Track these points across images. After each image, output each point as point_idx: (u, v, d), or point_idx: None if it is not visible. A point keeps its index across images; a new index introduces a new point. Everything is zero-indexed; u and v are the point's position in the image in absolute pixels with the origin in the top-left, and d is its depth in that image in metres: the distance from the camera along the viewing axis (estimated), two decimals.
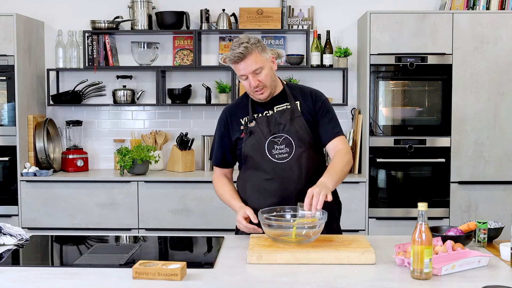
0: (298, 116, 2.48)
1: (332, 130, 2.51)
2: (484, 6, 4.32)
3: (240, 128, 2.52)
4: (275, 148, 2.45)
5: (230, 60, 2.39)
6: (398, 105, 4.31)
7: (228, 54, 2.40)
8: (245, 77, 2.41)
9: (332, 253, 2.03)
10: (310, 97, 2.54)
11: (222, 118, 2.59)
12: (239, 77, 2.44)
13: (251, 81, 2.40)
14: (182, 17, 4.60)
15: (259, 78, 2.40)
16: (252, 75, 2.39)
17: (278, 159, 2.45)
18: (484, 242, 2.25)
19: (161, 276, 1.85)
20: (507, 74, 4.22)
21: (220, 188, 2.64)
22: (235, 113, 2.56)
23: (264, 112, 2.51)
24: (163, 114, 4.81)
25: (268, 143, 2.45)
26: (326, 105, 2.55)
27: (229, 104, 2.70)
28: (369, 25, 4.21)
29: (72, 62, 4.65)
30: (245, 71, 2.38)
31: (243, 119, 2.53)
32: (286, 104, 2.51)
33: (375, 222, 4.28)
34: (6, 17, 4.25)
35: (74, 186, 4.31)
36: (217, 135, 2.61)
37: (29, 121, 4.44)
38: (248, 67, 2.37)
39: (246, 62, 2.36)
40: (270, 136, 2.45)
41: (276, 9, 4.57)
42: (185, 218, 4.27)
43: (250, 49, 2.36)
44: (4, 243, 2.32)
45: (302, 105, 2.52)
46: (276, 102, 2.52)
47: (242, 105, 2.56)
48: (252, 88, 2.42)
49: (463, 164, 4.26)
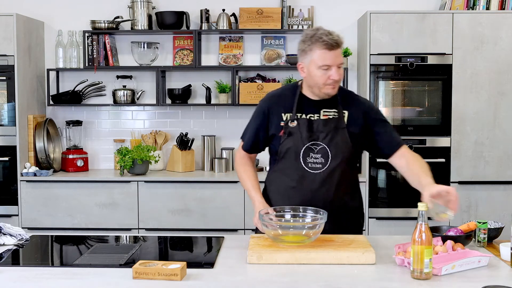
0: (342, 128, 2.38)
1: (394, 140, 2.42)
2: (484, 6, 4.32)
3: (280, 125, 2.41)
4: (310, 156, 2.37)
5: (325, 44, 2.26)
6: (398, 105, 4.31)
7: (319, 38, 2.26)
8: (326, 67, 2.28)
9: (332, 253, 2.03)
10: (362, 108, 2.44)
11: (263, 108, 2.47)
12: (315, 65, 2.29)
13: (334, 73, 2.29)
14: (182, 17, 4.60)
15: (340, 72, 2.32)
16: (337, 67, 2.30)
17: (310, 169, 2.37)
18: (484, 242, 2.25)
19: (161, 276, 1.85)
20: (507, 74, 4.22)
21: (243, 173, 2.55)
22: (278, 106, 2.44)
23: (308, 115, 2.40)
24: (163, 114, 4.81)
25: (305, 149, 2.36)
26: (381, 115, 2.48)
27: (272, 93, 2.54)
28: (369, 25, 4.21)
29: (72, 62, 4.65)
30: (334, 61, 2.28)
31: (285, 115, 2.42)
32: (333, 110, 2.40)
33: (375, 222, 4.28)
34: (6, 17, 4.25)
35: (74, 186, 4.31)
36: (253, 124, 2.51)
37: (29, 121, 4.44)
38: (337, 57, 2.29)
39: (337, 52, 2.29)
40: (308, 142, 2.36)
41: (276, 9, 4.57)
42: (185, 218, 4.27)
43: (341, 41, 2.31)
44: (4, 243, 2.32)
45: (351, 115, 2.41)
46: (324, 105, 2.41)
47: (287, 98, 2.44)
48: (329, 81, 2.30)
49: (463, 164, 4.26)
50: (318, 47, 2.27)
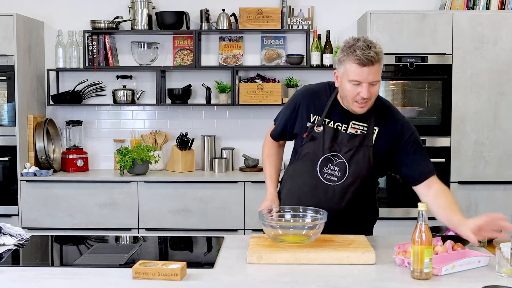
0: (368, 145, 2.27)
1: (425, 169, 2.29)
2: (484, 6, 4.32)
3: (306, 125, 2.34)
4: (328, 166, 2.29)
5: (358, 60, 2.13)
6: (398, 105, 4.31)
7: (355, 51, 2.13)
8: (357, 83, 2.16)
9: (332, 253, 2.03)
10: (396, 127, 2.29)
11: (295, 101, 2.39)
12: (347, 78, 2.18)
13: (364, 91, 2.15)
14: (182, 17, 4.60)
15: (372, 90, 2.17)
16: (368, 85, 2.15)
17: (325, 179, 2.30)
18: (484, 242, 2.24)
19: (161, 276, 1.85)
20: (507, 74, 4.22)
21: (266, 158, 2.54)
22: (309, 103, 2.35)
23: (336, 123, 2.30)
24: (163, 114, 4.81)
25: (324, 159, 2.29)
26: (417, 139, 2.30)
27: (308, 88, 2.44)
28: (369, 25, 4.21)
29: (72, 62, 4.65)
30: (365, 78, 2.14)
31: (314, 116, 2.33)
32: (363, 124, 2.29)
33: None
34: (6, 17, 4.25)
35: (74, 186, 4.31)
36: (284, 114, 2.44)
37: (29, 121, 4.44)
38: (370, 75, 2.13)
39: (372, 69, 2.13)
40: (328, 153, 2.28)
41: (276, 9, 4.57)
42: (185, 218, 4.27)
43: (379, 57, 2.15)
44: (4, 243, 2.32)
45: (381, 133, 2.29)
46: (355, 117, 2.29)
47: (321, 98, 2.34)
48: (359, 98, 2.18)
49: (463, 164, 4.26)
50: (351, 60, 2.15)
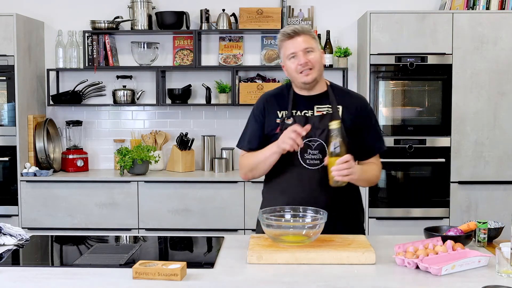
0: None
1: (376, 144, 2.47)
2: (484, 6, 4.32)
3: (276, 122, 2.41)
4: (308, 152, 2.35)
5: (284, 35, 2.36)
6: (398, 105, 4.31)
7: (280, 32, 2.38)
8: (293, 55, 2.35)
9: (332, 253, 2.03)
10: (355, 105, 2.44)
11: (260, 106, 2.49)
12: (287, 58, 2.37)
13: (300, 58, 2.33)
14: (182, 17, 4.60)
15: (309, 57, 2.34)
16: (303, 52, 2.33)
17: (308, 165, 2.36)
18: (484, 242, 2.25)
19: (161, 276, 1.85)
20: (507, 74, 4.22)
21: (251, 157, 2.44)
22: (274, 103, 2.45)
23: (303, 111, 2.40)
24: (163, 114, 4.81)
25: (303, 146, 2.33)
26: (372, 115, 2.48)
27: (268, 92, 2.56)
28: (369, 25, 4.21)
29: (72, 62, 4.65)
30: (296, 48, 2.33)
31: (281, 112, 2.42)
32: (327, 106, 2.41)
33: (375, 222, 4.28)
34: (6, 17, 4.25)
35: (74, 186, 4.31)
36: (253, 122, 2.49)
37: (29, 121, 4.44)
38: (300, 44, 2.33)
39: (298, 38, 2.34)
40: (305, 139, 2.33)
41: (276, 9, 4.57)
42: (185, 218, 4.27)
43: (304, 30, 2.36)
44: (4, 243, 2.32)
45: (344, 110, 2.41)
46: (317, 102, 2.42)
47: (282, 96, 2.46)
48: (298, 68, 2.34)
49: (463, 164, 4.26)
50: (281, 40, 2.38)
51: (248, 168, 2.46)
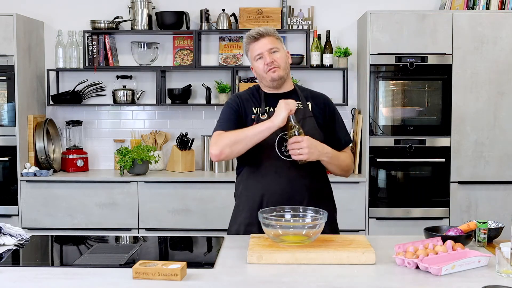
0: (309, 116, 2.50)
1: (344, 138, 2.59)
2: (484, 6, 4.32)
3: (252, 118, 2.49)
4: (285, 145, 2.44)
5: (249, 39, 2.49)
6: (398, 105, 4.32)
7: (246, 34, 2.50)
8: (260, 56, 2.47)
9: (332, 253, 2.03)
10: (321, 101, 2.58)
11: (235, 99, 2.54)
12: (254, 59, 2.49)
13: (266, 58, 2.45)
14: (182, 17, 4.60)
15: (274, 57, 2.47)
16: (268, 52, 2.46)
17: (286, 157, 2.45)
18: (484, 242, 2.25)
19: (161, 276, 1.85)
20: (507, 74, 4.23)
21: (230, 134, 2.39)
22: (247, 100, 2.54)
23: (275, 108, 2.45)
24: (163, 114, 4.81)
25: (279, 140, 2.45)
26: (337, 111, 2.62)
27: (238, 93, 2.65)
28: (369, 25, 4.21)
29: (72, 62, 4.65)
30: (262, 49, 2.46)
31: (255, 108, 2.52)
32: (297, 102, 2.50)
33: (375, 222, 4.28)
34: (6, 17, 4.25)
35: (74, 186, 4.31)
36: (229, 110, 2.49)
37: (29, 121, 4.44)
38: (265, 45, 2.46)
39: (263, 41, 2.47)
40: (281, 133, 2.43)
41: (276, 9, 4.57)
42: (185, 218, 4.27)
43: (268, 31, 2.49)
44: (4, 243, 2.32)
45: (313, 107, 2.55)
46: (287, 99, 2.46)
47: (254, 96, 2.56)
48: (265, 67, 2.46)
49: (463, 164, 4.26)
50: (247, 43, 2.51)
51: (230, 142, 2.35)
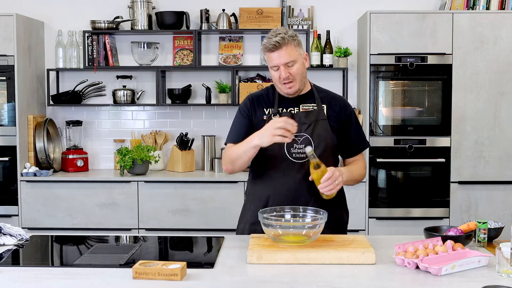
0: (323, 119, 2.45)
1: (359, 143, 2.55)
2: (484, 6, 4.32)
3: (263, 118, 2.47)
4: (294, 146, 2.42)
5: (265, 48, 2.38)
6: (398, 105, 4.32)
7: (264, 41, 2.39)
8: (277, 68, 2.39)
9: (332, 253, 2.03)
10: (338, 104, 2.53)
11: (246, 103, 2.53)
12: (271, 68, 2.42)
13: (282, 72, 2.38)
14: (182, 17, 4.60)
15: (291, 71, 2.39)
16: (284, 66, 2.37)
17: (294, 158, 2.42)
18: (484, 242, 2.25)
19: (161, 276, 1.85)
20: (507, 74, 4.23)
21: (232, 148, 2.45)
22: (260, 102, 2.51)
23: (289, 109, 2.47)
24: (163, 114, 4.81)
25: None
26: (354, 114, 2.56)
27: (251, 94, 2.61)
28: (369, 25, 4.21)
29: (72, 62, 4.65)
30: (278, 61, 2.37)
31: (268, 109, 2.48)
32: (312, 104, 2.48)
33: (375, 222, 4.28)
34: (6, 17, 4.25)
35: (74, 186, 4.31)
36: (240, 118, 2.53)
37: (29, 121, 4.44)
38: (281, 57, 2.36)
39: (281, 52, 2.36)
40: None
41: (276, 9, 4.57)
42: (185, 218, 4.27)
43: (286, 40, 2.35)
44: (4, 243, 2.32)
45: (328, 110, 2.49)
46: (302, 101, 2.48)
47: (268, 96, 2.52)
48: (281, 80, 2.40)
49: (463, 164, 4.26)
50: (264, 50, 2.41)
51: (230, 159, 2.45)
